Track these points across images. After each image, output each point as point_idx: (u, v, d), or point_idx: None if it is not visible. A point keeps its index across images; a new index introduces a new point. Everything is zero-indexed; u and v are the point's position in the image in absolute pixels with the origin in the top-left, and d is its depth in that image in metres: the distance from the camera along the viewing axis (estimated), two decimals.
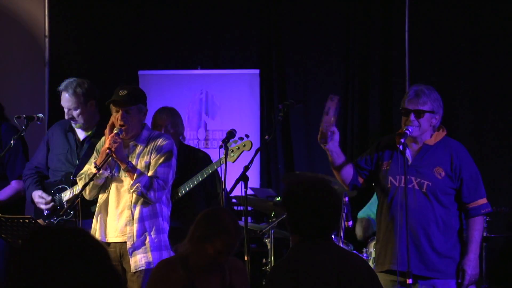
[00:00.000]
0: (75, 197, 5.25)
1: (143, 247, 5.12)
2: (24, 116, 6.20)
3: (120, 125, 5.12)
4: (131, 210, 5.12)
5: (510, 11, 7.16)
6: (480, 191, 4.93)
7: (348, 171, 5.02)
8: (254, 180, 7.17)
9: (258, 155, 5.76)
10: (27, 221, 5.01)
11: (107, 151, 5.02)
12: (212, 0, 7.84)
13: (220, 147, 5.20)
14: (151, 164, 5.17)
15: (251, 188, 6.72)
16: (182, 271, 4.03)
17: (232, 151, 5.53)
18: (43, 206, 5.79)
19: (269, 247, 6.33)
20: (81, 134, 5.94)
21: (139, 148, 5.23)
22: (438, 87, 7.16)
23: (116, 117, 5.17)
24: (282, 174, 7.51)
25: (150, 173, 5.13)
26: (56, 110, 7.74)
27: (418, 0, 7.37)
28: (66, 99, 5.84)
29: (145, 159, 5.20)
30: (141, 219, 5.12)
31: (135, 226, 5.13)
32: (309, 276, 3.40)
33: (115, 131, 5.09)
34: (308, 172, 7.35)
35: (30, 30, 7.77)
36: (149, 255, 5.12)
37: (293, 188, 3.55)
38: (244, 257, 4.67)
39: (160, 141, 5.21)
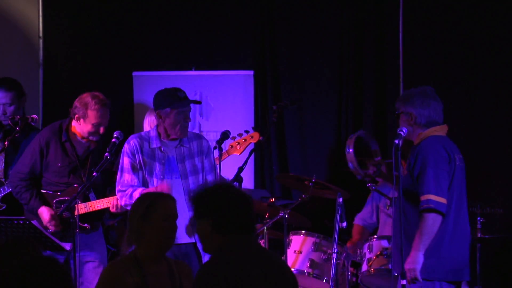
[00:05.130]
0: (73, 198, 5.25)
1: None
2: (18, 117, 6.21)
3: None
4: None
5: (504, 13, 7.18)
6: (423, 187, 4.83)
7: None
8: (248, 181, 7.17)
9: (252, 156, 5.77)
10: (22, 222, 4.99)
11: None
12: (207, 1, 7.84)
13: (214, 148, 5.21)
14: (204, 168, 5.37)
15: (245, 189, 6.73)
16: (135, 270, 4.04)
17: (239, 143, 5.56)
18: (52, 228, 5.76)
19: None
20: (79, 144, 5.88)
21: (184, 150, 5.36)
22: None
23: (179, 119, 5.31)
24: (276, 175, 7.51)
25: (210, 177, 5.35)
26: (50, 112, 7.74)
27: (412, 3, 7.39)
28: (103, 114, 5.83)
29: (195, 161, 5.35)
30: None
31: None
32: (238, 271, 3.49)
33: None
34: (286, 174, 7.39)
35: (24, 31, 7.76)
36: None
37: (208, 191, 3.68)
38: None
39: (204, 143, 5.42)
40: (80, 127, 5.78)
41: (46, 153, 5.84)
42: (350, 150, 5.25)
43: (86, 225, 5.74)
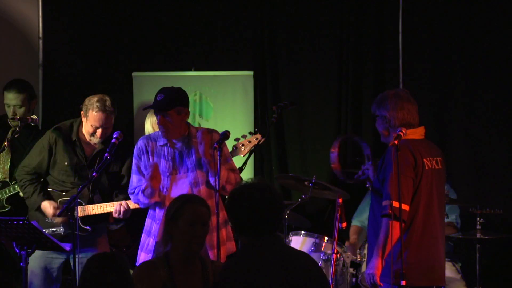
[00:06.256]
0: (73, 199, 5.25)
1: (223, 240, 5.22)
2: (18, 117, 6.21)
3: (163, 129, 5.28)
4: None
5: (504, 12, 7.19)
6: (385, 191, 4.81)
7: None
8: None
9: (252, 157, 5.77)
10: (22, 222, 4.99)
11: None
12: (206, 2, 7.84)
13: (215, 149, 5.20)
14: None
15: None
16: (164, 269, 4.11)
17: (243, 145, 5.57)
18: (58, 221, 5.79)
19: None
20: (87, 145, 5.88)
21: (192, 144, 5.33)
22: (431, 88, 7.25)
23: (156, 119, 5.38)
24: (276, 175, 7.51)
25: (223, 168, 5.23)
26: (50, 112, 7.74)
27: (412, 3, 7.39)
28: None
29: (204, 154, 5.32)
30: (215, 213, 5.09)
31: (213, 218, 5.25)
32: (259, 272, 3.52)
33: None
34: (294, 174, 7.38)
35: (24, 32, 7.76)
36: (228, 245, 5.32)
37: (232, 193, 3.74)
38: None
39: (215, 136, 5.35)
40: (84, 126, 5.81)
41: (54, 151, 5.85)
42: (334, 151, 5.29)
43: (87, 227, 5.75)
